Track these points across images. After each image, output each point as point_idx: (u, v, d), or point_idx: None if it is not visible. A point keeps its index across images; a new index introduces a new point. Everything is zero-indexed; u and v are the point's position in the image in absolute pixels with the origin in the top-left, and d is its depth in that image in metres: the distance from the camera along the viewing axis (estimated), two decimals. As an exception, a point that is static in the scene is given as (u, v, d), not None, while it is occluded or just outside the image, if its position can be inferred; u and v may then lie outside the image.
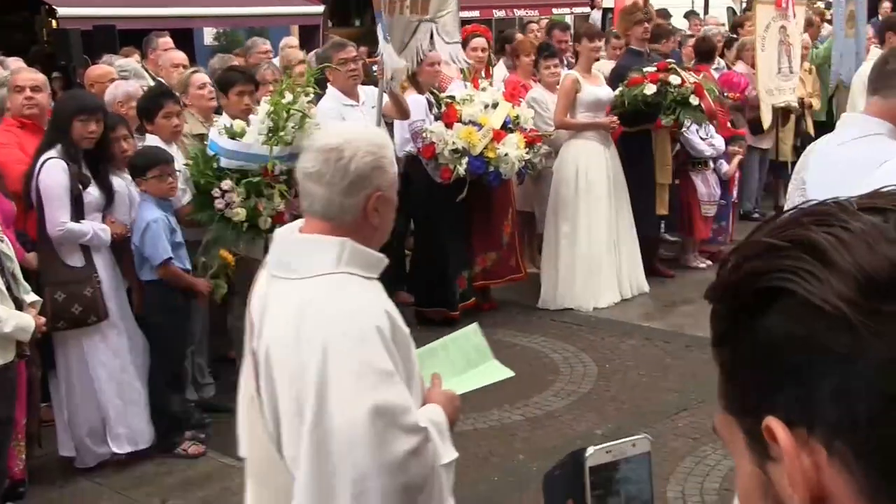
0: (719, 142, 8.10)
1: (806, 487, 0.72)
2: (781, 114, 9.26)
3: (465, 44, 7.84)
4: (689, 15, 12.05)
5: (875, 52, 8.16)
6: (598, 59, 7.83)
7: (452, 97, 7.22)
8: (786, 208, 3.13)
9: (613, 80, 7.68)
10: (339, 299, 2.24)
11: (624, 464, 1.09)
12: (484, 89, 7.27)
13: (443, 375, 2.56)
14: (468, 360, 2.84)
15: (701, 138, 8.01)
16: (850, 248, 0.70)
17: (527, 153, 7.12)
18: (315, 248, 2.29)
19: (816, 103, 9.92)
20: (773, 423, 0.73)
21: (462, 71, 7.69)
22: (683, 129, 7.65)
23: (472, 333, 2.90)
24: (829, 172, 3.04)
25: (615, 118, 7.49)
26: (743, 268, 0.76)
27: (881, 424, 0.69)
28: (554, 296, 7.57)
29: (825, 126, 9.98)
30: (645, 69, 7.43)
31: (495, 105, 7.14)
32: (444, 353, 2.81)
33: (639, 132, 7.71)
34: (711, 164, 8.13)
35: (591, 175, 7.43)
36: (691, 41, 9.68)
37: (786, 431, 0.72)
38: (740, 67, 9.36)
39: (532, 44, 8.24)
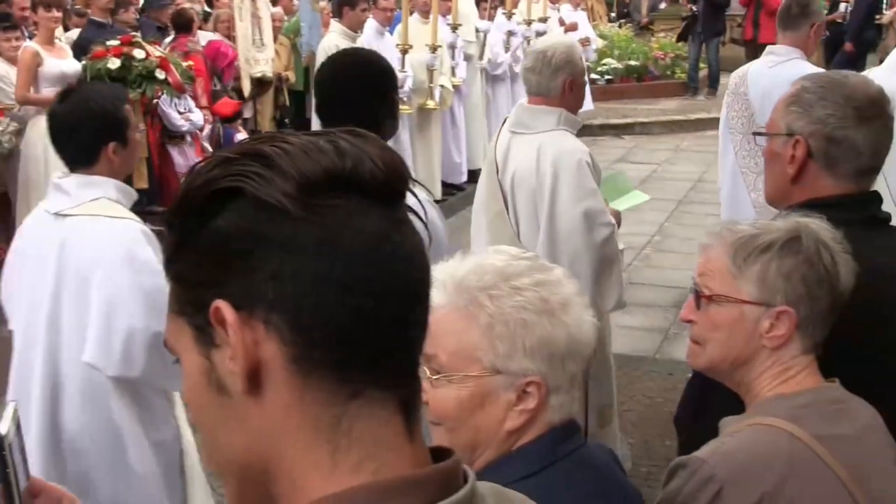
0: (197, 116, 8.14)
1: (246, 359, 0.82)
2: (258, 84, 9.51)
3: None
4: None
5: (335, 25, 8.67)
6: (56, 28, 7.41)
7: None
8: (721, 119, 4.81)
9: (76, 52, 7.35)
10: (562, 144, 3.63)
11: (14, 432, 1.11)
12: (-70, 64, 6.57)
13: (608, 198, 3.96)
14: (618, 189, 4.22)
15: (179, 112, 7.98)
16: (291, 156, 0.83)
17: (-9, 130, 6.60)
18: (542, 114, 3.68)
19: (292, 76, 10.26)
20: (221, 305, 0.82)
21: None
22: (156, 102, 7.56)
23: (619, 174, 4.57)
24: (767, 85, 4.49)
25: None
26: (198, 179, 0.84)
27: (309, 298, 0.81)
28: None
29: (301, 96, 10.43)
30: (108, 42, 7.23)
31: (-55, 81, 6.49)
32: (605, 185, 3.98)
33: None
34: (189, 138, 8.14)
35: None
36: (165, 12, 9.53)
37: (231, 311, 0.82)
38: (214, 37, 9.45)
39: (-15, 15, 7.58)
